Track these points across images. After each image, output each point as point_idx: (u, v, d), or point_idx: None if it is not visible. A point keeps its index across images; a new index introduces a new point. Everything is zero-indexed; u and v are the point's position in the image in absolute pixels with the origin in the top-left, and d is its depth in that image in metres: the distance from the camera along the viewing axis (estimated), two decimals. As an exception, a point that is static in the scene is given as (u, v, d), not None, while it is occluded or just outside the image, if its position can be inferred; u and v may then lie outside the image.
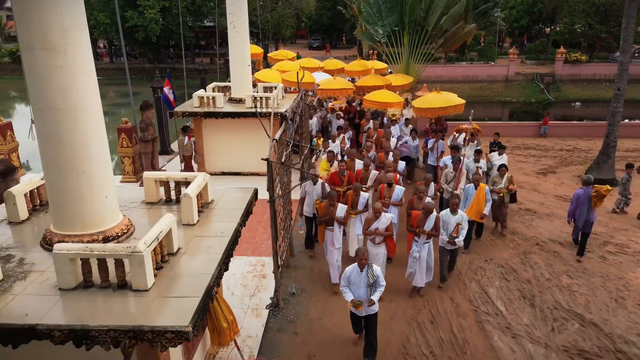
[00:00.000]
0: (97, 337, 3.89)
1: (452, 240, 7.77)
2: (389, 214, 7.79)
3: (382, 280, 6.09)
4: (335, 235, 7.93)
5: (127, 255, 4.26)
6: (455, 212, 7.84)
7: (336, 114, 15.19)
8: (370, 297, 5.98)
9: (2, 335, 3.92)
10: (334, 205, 7.90)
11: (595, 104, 35.12)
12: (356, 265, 6.09)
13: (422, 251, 7.54)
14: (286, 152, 8.41)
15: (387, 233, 7.56)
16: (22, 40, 4.51)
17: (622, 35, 13.02)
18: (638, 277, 8.47)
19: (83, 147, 4.81)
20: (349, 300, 6.03)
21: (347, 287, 6.12)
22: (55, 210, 5.06)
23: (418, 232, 7.48)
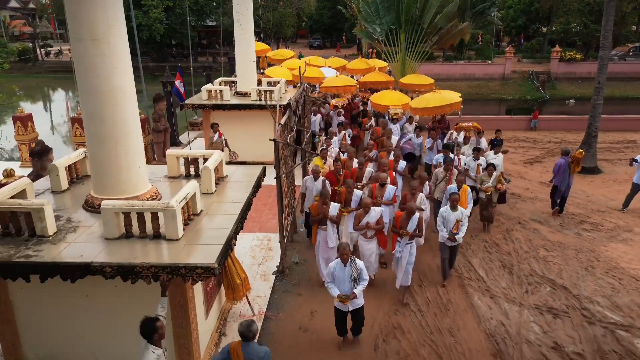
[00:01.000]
0: (141, 273, 4.79)
1: (452, 237, 7.75)
2: (379, 208, 7.81)
3: (365, 274, 6.17)
4: (329, 235, 7.85)
5: (162, 210, 5.16)
6: (455, 208, 7.84)
7: (337, 111, 15.36)
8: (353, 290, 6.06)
9: (64, 272, 4.82)
10: (327, 204, 7.80)
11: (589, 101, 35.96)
12: (339, 261, 6.13)
13: (403, 252, 7.45)
14: (290, 135, 9.31)
15: (378, 227, 7.62)
16: (73, 33, 5.41)
17: (602, 32, 13.94)
18: (608, 250, 9.37)
19: (121, 124, 5.71)
20: (335, 296, 6.07)
21: (332, 282, 6.18)
22: (96, 178, 5.97)
23: (401, 233, 7.40)
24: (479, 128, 12.40)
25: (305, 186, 9.10)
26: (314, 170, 8.96)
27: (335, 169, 9.37)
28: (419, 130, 13.38)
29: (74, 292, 5.46)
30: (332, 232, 7.87)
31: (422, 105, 12.86)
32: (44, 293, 5.51)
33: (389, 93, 14.81)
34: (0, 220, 5.31)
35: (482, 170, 10.21)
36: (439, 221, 8.02)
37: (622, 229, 10.34)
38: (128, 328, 5.28)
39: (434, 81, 16.44)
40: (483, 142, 12.03)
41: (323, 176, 9.19)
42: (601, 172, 14.08)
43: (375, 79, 17.14)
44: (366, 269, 6.62)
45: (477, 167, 10.36)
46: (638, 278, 8.36)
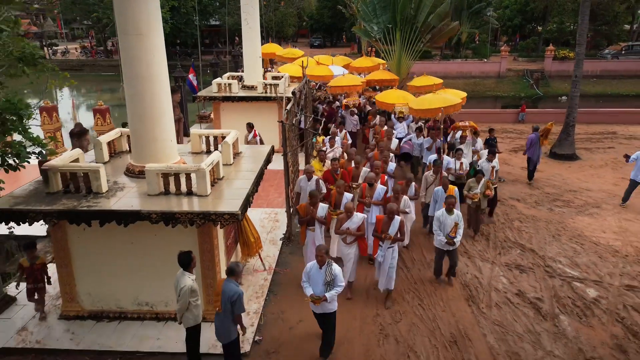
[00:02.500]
0: (180, 218, 6.05)
1: (450, 241, 7.64)
2: (361, 214, 7.69)
3: (340, 280, 6.01)
4: (317, 236, 7.76)
5: (194, 171, 6.42)
6: (451, 211, 7.73)
7: (350, 111, 15.28)
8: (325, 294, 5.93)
9: (119, 218, 6.07)
10: (315, 205, 7.72)
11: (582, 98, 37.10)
12: (316, 262, 6.07)
13: (386, 255, 7.35)
14: (295, 119, 10.54)
15: (359, 233, 7.46)
16: (120, 28, 6.65)
17: (578, 30, 15.16)
18: (575, 222, 10.60)
19: (158, 104, 6.96)
20: (308, 295, 6.00)
21: (307, 282, 6.09)
22: (136, 149, 7.23)
23: (383, 237, 7.29)
24: (476, 128, 12.43)
25: (300, 186, 9.11)
26: (307, 171, 9.05)
27: (332, 168, 9.31)
28: (419, 131, 12.98)
29: (120, 241, 6.73)
30: (320, 233, 7.80)
31: (422, 107, 12.36)
32: (95, 242, 6.76)
33: (394, 92, 14.73)
34: (62, 180, 6.58)
35: (494, 173, 10.28)
36: (435, 225, 7.90)
37: (591, 205, 11.58)
38: (163, 270, 6.60)
39: (442, 81, 16.29)
40: (479, 143, 12.23)
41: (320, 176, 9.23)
42: (579, 159, 15.31)
43: (380, 77, 17.36)
44: (348, 274, 7.24)
45: (492, 170, 10.30)
46: (598, 243, 9.60)
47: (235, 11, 43.20)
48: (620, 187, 12.82)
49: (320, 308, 6.08)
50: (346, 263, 7.60)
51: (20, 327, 6.91)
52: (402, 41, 20.51)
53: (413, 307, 7.53)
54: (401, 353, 6.48)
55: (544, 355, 6.46)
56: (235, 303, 5.54)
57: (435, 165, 9.83)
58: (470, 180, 9.82)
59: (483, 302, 7.64)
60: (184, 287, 5.68)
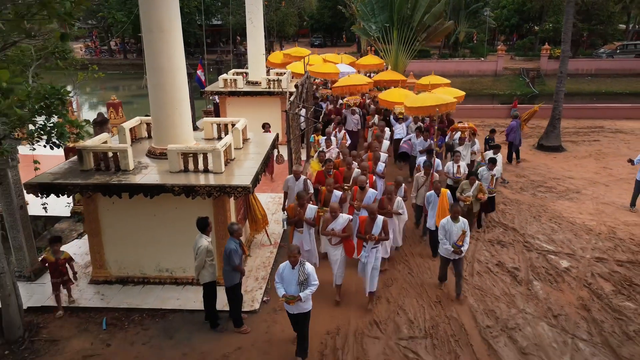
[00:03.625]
0: (199, 191, 6.95)
1: (457, 249, 7.37)
2: (346, 215, 7.64)
3: (314, 279, 6.00)
4: (304, 237, 7.76)
5: (211, 151, 7.33)
6: (457, 219, 7.47)
7: (351, 110, 15.03)
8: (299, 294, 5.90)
9: (145, 190, 6.97)
10: (304, 206, 7.69)
11: (577, 96, 37.98)
12: (289, 262, 6.04)
13: (369, 257, 7.27)
14: (297, 109, 11.43)
15: (344, 234, 7.38)
16: (145, 26, 7.55)
17: (563, 29, 16.05)
18: (555, 205, 11.50)
19: (177, 93, 7.85)
20: (281, 296, 5.97)
21: (280, 283, 6.06)
22: (157, 132, 8.12)
23: (367, 238, 7.21)
24: (475, 129, 12.46)
25: (287, 186, 9.09)
26: (295, 170, 9.10)
27: (325, 169, 9.29)
28: (418, 131, 12.71)
29: (145, 213, 7.63)
30: (308, 234, 7.79)
31: (416, 105, 12.33)
32: (122, 214, 7.67)
33: (397, 91, 14.55)
34: (95, 159, 7.48)
35: (494, 182, 10.04)
36: (441, 234, 7.58)
37: (572, 191, 12.47)
38: (182, 240, 7.49)
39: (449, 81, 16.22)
40: (476, 144, 12.37)
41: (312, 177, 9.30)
42: (564, 151, 16.20)
43: (388, 77, 17.14)
44: (334, 276, 7.46)
45: (491, 178, 10.05)
46: (574, 223, 10.49)
47: (237, 11, 44.17)
48: (601, 175, 13.76)
49: (295, 308, 6.06)
50: (332, 265, 7.60)
51: (56, 290, 7.81)
52: (399, 40, 21.42)
53: (403, 275, 8.43)
54: (392, 311, 7.38)
55: (517, 312, 7.36)
56: (228, 256, 6.52)
57: (425, 166, 9.65)
58: (464, 182, 9.63)
59: (466, 271, 8.52)
60: (201, 247, 6.59)
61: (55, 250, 7.18)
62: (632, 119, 20.88)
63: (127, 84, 40.60)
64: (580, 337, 6.80)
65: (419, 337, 6.80)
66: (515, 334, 6.86)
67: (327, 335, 6.83)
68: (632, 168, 14.08)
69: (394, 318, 7.21)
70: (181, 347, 6.59)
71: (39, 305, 7.43)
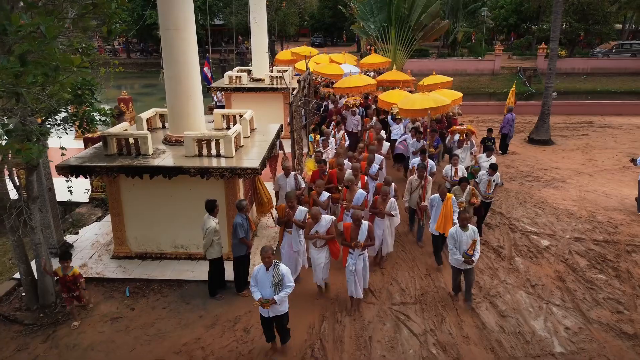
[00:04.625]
0: (212, 172, 7.73)
1: (467, 259, 7.09)
2: (329, 217, 7.52)
3: (289, 280, 5.92)
4: (294, 238, 7.66)
5: (223, 137, 8.12)
6: (466, 227, 7.16)
7: (351, 110, 14.81)
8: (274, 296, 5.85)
9: (165, 172, 7.76)
10: (293, 206, 7.60)
11: (573, 95, 38.75)
12: (263, 265, 5.95)
13: (357, 264, 7.12)
14: (300, 102, 12.19)
15: (329, 237, 7.30)
16: (162, 24, 8.34)
17: (551, 28, 16.83)
18: (541, 193, 12.28)
19: (191, 84, 8.64)
20: (256, 299, 5.88)
21: (255, 286, 5.97)
22: (172, 121, 8.92)
23: (353, 245, 7.04)
24: (474, 131, 12.36)
25: (279, 184, 9.17)
26: (285, 167, 9.13)
27: (320, 170, 9.33)
28: (413, 131, 12.50)
29: (162, 194, 8.42)
30: (298, 236, 7.71)
31: (408, 107, 11.99)
32: (142, 195, 8.46)
33: (396, 91, 14.25)
34: (117, 144, 8.28)
35: (493, 186, 9.63)
36: (450, 243, 7.26)
37: (557, 180, 13.27)
38: (196, 219, 8.25)
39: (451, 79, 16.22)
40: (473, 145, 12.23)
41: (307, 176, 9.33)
42: (554, 144, 16.99)
43: (392, 77, 16.68)
44: (319, 278, 7.51)
45: (489, 183, 9.60)
46: (557, 208, 11.28)
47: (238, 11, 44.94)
48: (586, 166, 14.57)
49: (271, 311, 5.99)
50: (315, 268, 7.56)
51: (81, 264, 8.61)
52: (396, 39, 22.20)
53: (397, 252, 9.21)
54: (386, 281, 8.17)
55: (498, 283, 8.16)
56: (235, 229, 7.30)
57: (419, 169, 9.33)
58: (455, 187, 9.29)
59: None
60: (209, 228, 7.37)
61: (64, 266, 6.95)
62: (621, 115, 21.67)
63: (130, 82, 41.34)
64: (554, 303, 7.60)
65: (410, 303, 7.60)
66: (496, 300, 7.65)
67: (328, 301, 7.62)
68: (616, 159, 14.97)
69: (387, 287, 8.00)
70: (197, 310, 7.39)
71: (67, 276, 8.22)
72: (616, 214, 10.93)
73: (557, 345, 6.64)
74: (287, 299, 6.06)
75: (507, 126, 15.48)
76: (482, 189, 9.64)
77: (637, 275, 8.42)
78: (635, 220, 10.61)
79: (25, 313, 7.36)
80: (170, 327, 7.03)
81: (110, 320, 7.20)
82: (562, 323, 7.11)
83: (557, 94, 38.37)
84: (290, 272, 6.05)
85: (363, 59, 21.37)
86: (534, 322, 7.12)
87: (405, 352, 6.51)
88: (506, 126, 15.49)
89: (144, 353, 6.50)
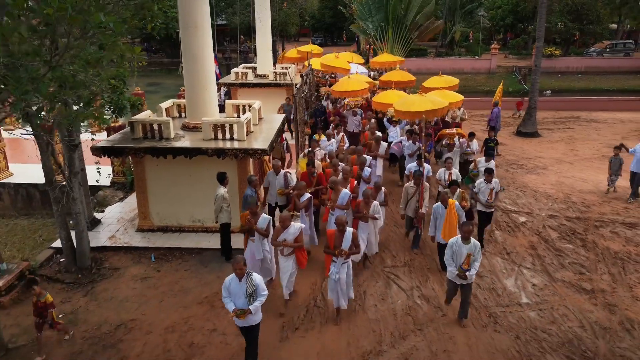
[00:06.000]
0: (228, 152, 8.86)
1: (462, 274, 6.62)
2: (298, 224, 7.31)
3: (262, 290, 5.79)
4: (257, 247, 7.46)
5: (236, 122, 9.24)
6: (468, 240, 6.67)
7: (352, 111, 14.62)
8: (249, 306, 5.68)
9: (186, 152, 8.88)
10: (256, 214, 7.37)
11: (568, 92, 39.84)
12: (235, 275, 5.77)
13: (341, 272, 6.90)
14: (302, 95, 13.31)
15: (296, 244, 7.07)
16: (182, 23, 9.45)
17: (537, 27, 17.96)
18: (523, 178, 13.39)
19: (207, 77, 9.76)
20: (230, 310, 5.73)
21: (228, 297, 5.80)
22: (190, 109, 10.04)
23: (337, 253, 6.81)
24: (464, 134, 12.18)
25: (268, 181, 9.28)
26: (275, 165, 9.22)
27: (308, 172, 9.35)
28: (408, 134, 12.10)
29: (182, 173, 9.53)
30: (261, 244, 7.50)
31: (404, 109, 11.22)
32: (164, 174, 9.57)
33: (391, 92, 13.60)
34: (143, 129, 9.40)
35: (494, 194, 9.11)
36: (448, 255, 6.84)
37: (540, 167, 14.40)
38: (212, 196, 9.34)
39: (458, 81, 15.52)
40: (474, 144, 12.28)
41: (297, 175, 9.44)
42: (540, 136, 18.13)
43: (397, 78, 15.98)
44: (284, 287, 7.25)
45: (490, 191, 9.03)
46: (537, 191, 12.41)
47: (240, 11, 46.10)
48: (568, 155, 15.70)
49: (245, 321, 5.84)
50: (282, 275, 7.31)
51: (110, 235, 9.74)
52: (393, 38, 23.32)
53: (390, 227, 10.33)
54: (380, 250, 9.28)
55: (478, 251, 9.27)
56: (244, 199, 8.29)
57: (415, 176, 8.99)
58: (445, 191, 8.89)
59: (442, 225, 10.41)
60: (218, 195, 8.48)
61: (35, 293, 6.48)
62: (607, 110, 22.79)
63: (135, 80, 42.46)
64: (524, 266, 8.72)
65: (399, 266, 8.73)
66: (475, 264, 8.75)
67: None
68: (596, 149, 16.11)
69: (380, 254, 9.12)
70: (215, 272, 8.51)
71: (98, 245, 9.34)
72: (590, 196, 12.06)
73: (524, 297, 7.77)
74: (260, 308, 5.92)
75: (494, 119, 16.65)
76: (483, 199, 9.05)
77: (601, 245, 9.54)
78: (606, 201, 11.73)
79: (65, 275, 8.48)
80: (192, 285, 8.15)
81: (140, 279, 8.33)
82: (530, 281, 8.23)
83: (551, 92, 39.65)
84: (263, 281, 5.93)
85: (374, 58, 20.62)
86: (506, 281, 8.25)
87: (394, 303, 7.63)
88: (494, 119, 16.67)
89: (171, 303, 7.63)
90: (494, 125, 16.39)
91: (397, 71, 16.60)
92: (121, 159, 12.24)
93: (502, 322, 7.12)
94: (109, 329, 7.02)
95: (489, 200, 9.04)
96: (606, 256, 9.11)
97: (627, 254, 9.19)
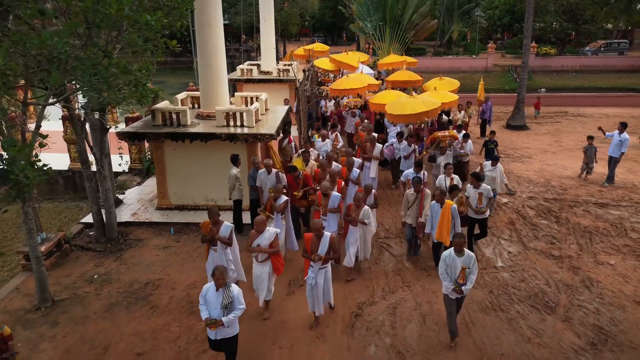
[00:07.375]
0: (239, 137, 9.96)
1: (457, 288, 6.30)
2: (273, 229, 7.09)
3: (239, 303, 5.57)
4: (219, 256, 7.16)
5: (246, 110, 10.35)
6: (462, 252, 6.30)
7: (351, 111, 14.65)
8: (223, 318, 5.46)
9: (202, 137, 9.99)
10: (217, 222, 7.12)
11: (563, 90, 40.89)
12: (213, 284, 5.58)
13: (318, 277, 6.75)
14: (304, 88, 14.40)
15: (271, 250, 6.88)
16: (198, 23, 10.55)
17: (525, 26, 19.04)
18: (509, 166, 14.46)
19: (219, 71, 10.86)
20: (203, 319, 5.52)
21: (204, 305, 5.62)
22: (204, 100, 11.15)
23: (313, 258, 6.61)
24: (456, 137, 11.95)
25: (260, 179, 9.30)
26: (266, 164, 9.27)
27: (294, 176, 9.32)
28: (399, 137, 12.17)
29: (197, 156, 10.63)
30: (224, 254, 7.21)
31: (396, 112, 11.03)
32: (181, 157, 10.67)
33: (388, 93, 13.27)
34: (162, 117, 10.50)
35: (483, 200, 8.73)
36: (442, 268, 6.44)
37: (525, 157, 15.51)
38: (224, 177, 10.43)
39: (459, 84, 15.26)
40: (469, 145, 12.26)
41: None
42: (528, 129, 19.22)
43: (403, 78, 15.49)
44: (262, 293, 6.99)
45: (479, 197, 8.71)
46: (520, 177, 13.51)
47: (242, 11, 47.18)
48: (552, 146, 16.78)
49: (219, 333, 5.63)
50: (256, 282, 7.11)
51: (132, 213, 10.85)
52: (391, 37, 24.42)
53: (384, 206, 11.43)
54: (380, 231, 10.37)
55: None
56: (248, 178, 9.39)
57: (415, 183, 8.75)
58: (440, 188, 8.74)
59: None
60: (231, 174, 9.56)
61: None
62: (595, 106, 23.88)
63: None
64: (502, 238, 9.82)
65: (391, 238, 9.83)
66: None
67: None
68: (580, 140, 17.20)
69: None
70: (228, 242, 9.59)
71: (122, 221, 10.45)
72: (568, 181, 13.16)
73: (499, 262, 8.88)
74: (237, 321, 5.71)
75: (487, 112, 17.74)
76: (473, 204, 8.75)
77: (573, 221, 10.63)
78: (583, 185, 12.83)
79: (95, 244, 9.59)
80: (208, 252, 9.25)
81: (162, 248, 9.44)
82: (506, 250, 9.34)
83: (546, 90, 40.73)
84: (241, 294, 5.67)
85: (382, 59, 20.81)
86: (485, 249, 9.35)
87: (385, 266, 8.74)
88: (487, 112, 17.75)
89: (191, 267, 8.73)
90: (487, 118, 17.42)
91: (403, 71, 16.08)
92: (138, 147, 13.37)
93: (478, 280, 8.20)
94: (139, 286, 8.13)
95: (478, 206, 8.72)
96: (576, 230, 10.20)
97: (595, 228, 10.28)
